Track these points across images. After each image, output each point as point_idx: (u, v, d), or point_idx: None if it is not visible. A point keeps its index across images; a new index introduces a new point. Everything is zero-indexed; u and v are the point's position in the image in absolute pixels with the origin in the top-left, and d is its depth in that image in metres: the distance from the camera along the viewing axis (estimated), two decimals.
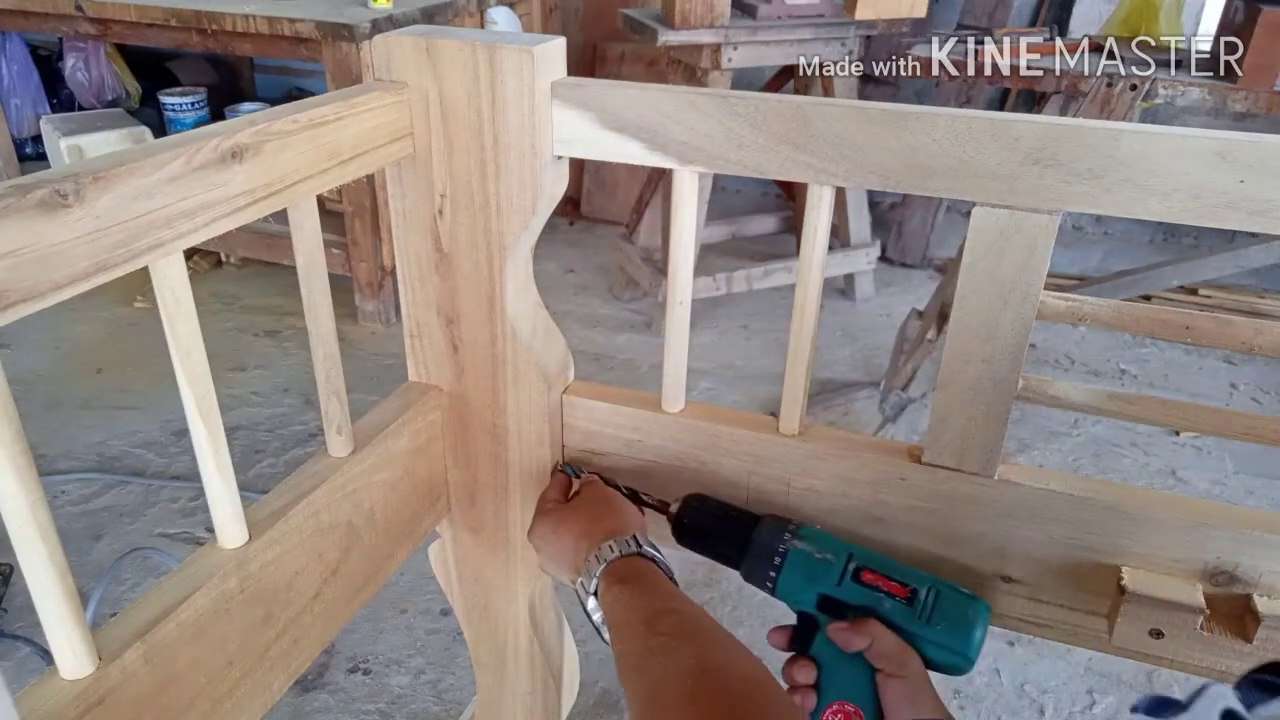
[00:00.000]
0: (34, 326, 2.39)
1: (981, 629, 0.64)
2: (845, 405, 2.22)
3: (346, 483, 0.70)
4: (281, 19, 2.08)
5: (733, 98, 0.63)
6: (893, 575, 0.66)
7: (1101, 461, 2.06)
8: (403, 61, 0.67)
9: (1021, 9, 2.93)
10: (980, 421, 0.67)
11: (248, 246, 2.49)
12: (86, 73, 2.94)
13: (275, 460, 1.97)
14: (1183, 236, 3.17)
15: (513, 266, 0.73)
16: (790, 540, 0.68)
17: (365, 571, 0.74)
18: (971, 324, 0.64)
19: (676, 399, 0.77)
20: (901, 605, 0.64)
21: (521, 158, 0.68)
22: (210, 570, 0.58)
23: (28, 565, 0.47)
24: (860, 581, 0.66)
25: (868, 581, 0.65)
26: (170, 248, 0.50)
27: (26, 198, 0.42)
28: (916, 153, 0.60)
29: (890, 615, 0.64)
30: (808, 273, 0.68)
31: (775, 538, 0.68)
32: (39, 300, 0.43)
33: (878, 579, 0.65)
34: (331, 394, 0.69)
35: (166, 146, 0.49)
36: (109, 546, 1.72)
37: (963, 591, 0.66)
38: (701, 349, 2.45)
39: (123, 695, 0.52)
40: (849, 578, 0.66)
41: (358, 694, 1.46)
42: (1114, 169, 0.57)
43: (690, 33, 2.12)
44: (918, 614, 0.64)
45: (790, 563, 0.67)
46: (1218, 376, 2.41)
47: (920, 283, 2.86)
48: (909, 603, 0.64)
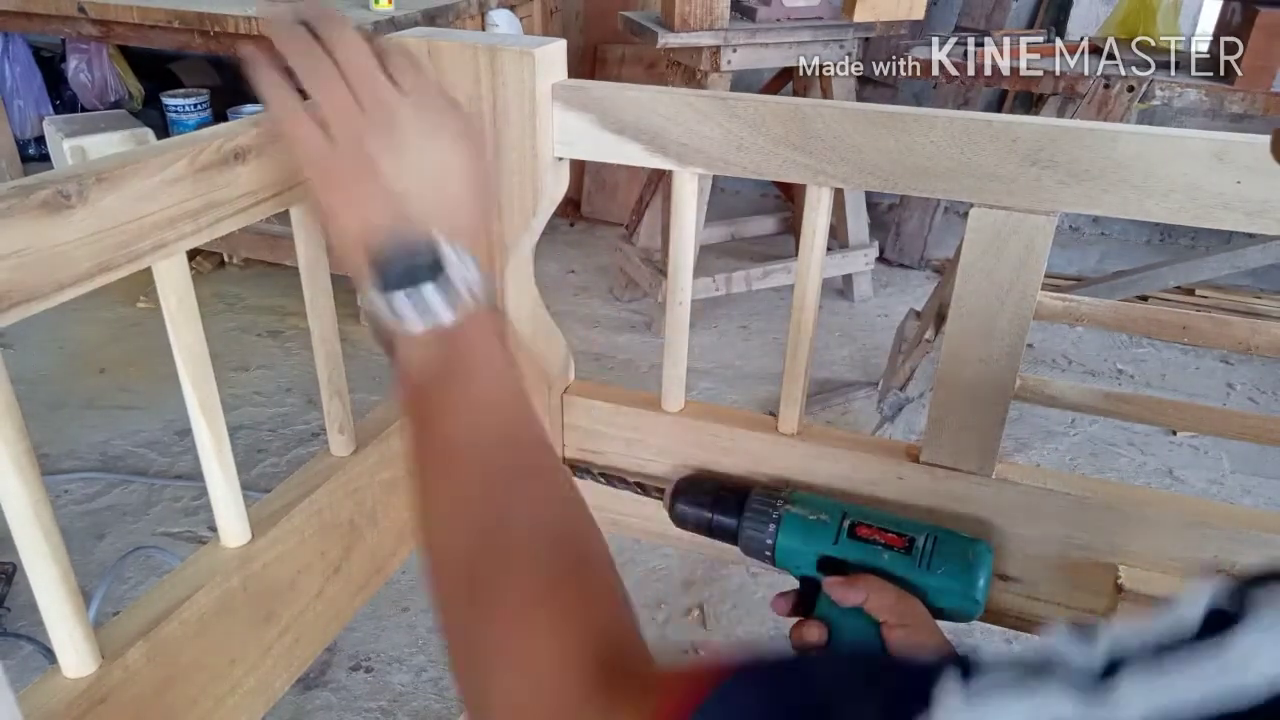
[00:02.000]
0: (37, 326, 2.39)
1: (984, 571, 0.64)
2: (844, 405, 2.22)
3: (349, 481, 0.70)
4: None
5: (732, 99, 0.63)
6: (888, 527, 0.66)
7: (1099, 461, 2.06)
8: None
9: (1019, 10, 2.93)
10: (978, 421, 0.67)
11: (250, 247, 2.49)
12: (89, 74, 2.95)
13: (278, 459, 1.98)
14: (1180, 237, 3.17)
15: (514, 267, 0.74)
16: (783, 505, 0.69)
17: (367, 570, 0.75)
18: (969, 324, 0.64)
19: (676, 399, 0.77)
20: (900, 555, 0.65)
21: (522, 159, 0.68)
22: (213, 569, 0.59)
23: (31, 564, 0.47)
24: (857, 537, 0.66)
25: (864, 536, 0.66)
26: (173, 248, 0.50)
27: (30, 198, 0.42)
28: (915, 154, 0.60)
29: (890, 567, 0.64)
30: (806, 273, 0.68)
31: (768, 504, 0.69)
32: (42, 301, 0.44)
33: (874, 532, 0.66)
34: (334, 393, 0.69)
35: (169, 147, 0.49)
36: (112, 545, 1.72)
37: (962, 536, 0.66)
38: (701, 349, 2.45)
39: (125, 694, 0.52)
40: (845, 535, 0.66)
41: (360, 692, 1.46)
42: (1111, 170, 0.57)
43: (690, 35, 2.13)
44: (917, 562, 0.64)
45: (786, 527, 0.68)
46: (1214, 376, 2.41)
47: (918, 283, 2.86)
48: (907, 551, 0.65)
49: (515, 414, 0.45)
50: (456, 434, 0.43)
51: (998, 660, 0.26)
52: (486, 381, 0.45)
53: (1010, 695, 0.25)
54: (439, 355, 0.44)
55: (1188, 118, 2.67)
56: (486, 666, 0.38)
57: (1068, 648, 0.25)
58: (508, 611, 0.38)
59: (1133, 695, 0.23)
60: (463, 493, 0.42)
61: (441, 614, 0.40)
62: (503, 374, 0.46)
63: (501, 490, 0.42)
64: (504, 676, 0.37)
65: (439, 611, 0.40)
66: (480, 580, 0.39)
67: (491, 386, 0.45)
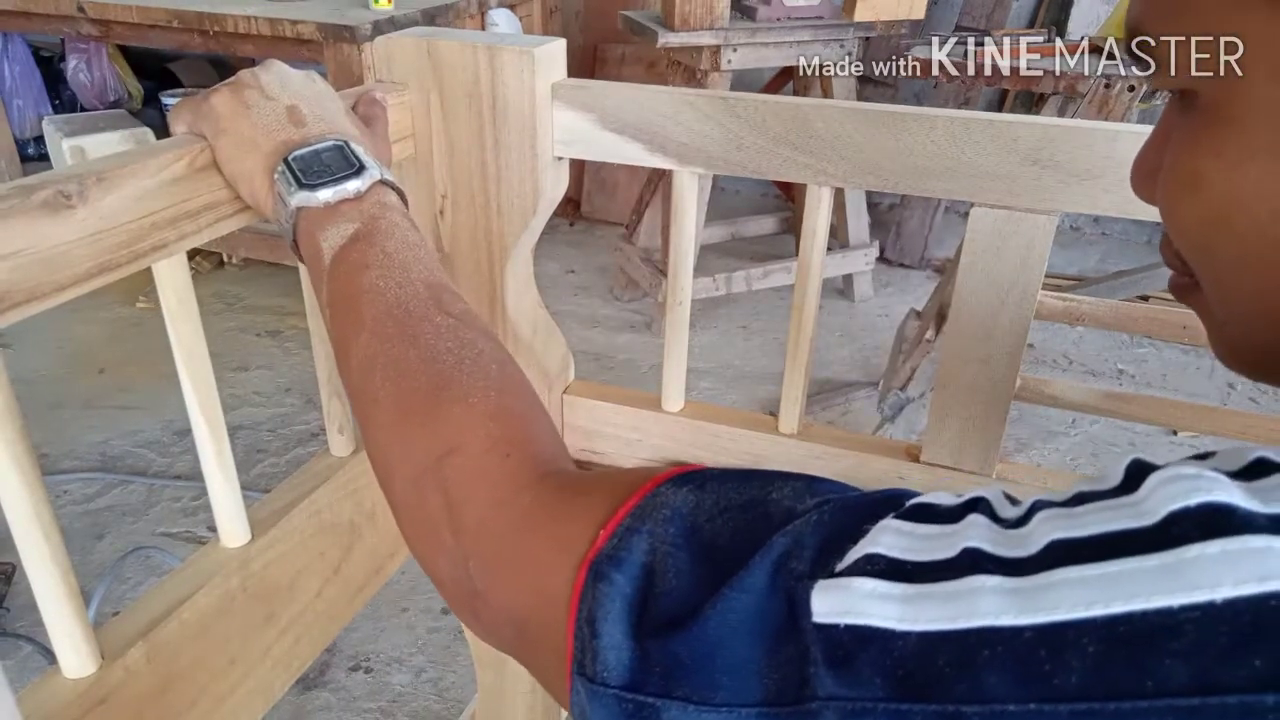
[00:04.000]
0: (37, 326, 2.39)
1: None
2: (844, 405, 2.22)
3: (348, 482, 0.70)
4: (283, 20, 2.08)
5: (732, 99, 0.63)
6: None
7: (1099, 461, 2.06)
8: (404, 63, 0.68)
9: (1019, 10, 2.93)
10: (978, 421, 0.67)
11: (250, 247, 2.49)
12: (89, 74, 2.94)
13: (277, 460, 1.98)
14: None
15: (513, 267, 0.74)
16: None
17: (367, 570, 0.75)
18: (969, 324, 0.64)
19: (676, 399, 0.77)
20: None
21: (522, 159, 0.68)
22: (212, 569, 0.59)
23: (30, 564, 0.47)
24: None
25: None
26: (173, 248, 0.50)
27: (30, 198, 0.42)
28: (915, 154, 0.60)
29: None
30: (806, 273, 0.68)
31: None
32: (42, 301, 0.44)
33: None
34: (333, 393, 0.69)
35: (169, 148, 0.49)
36: (111, 546, 1.72)
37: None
38: (701, 349, 2.45)
39: (125, 694, 0.52)
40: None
41: (359, 692, 1.46)
42: (1112, 169, 0.57)
43: (690, 34, 2.13)
44: None
45: None
46: (1214, 376, 2.41)
47: (918, 283, 2.86)
48: None
49: (432, 265, 0.48)
50: (381, 282, 0.45)
51: (936, 503, 0.29)
52: (405, 233, 0.48)
53: (936, 527, 0.28)
54: (354, 229, 0.47)
55: None
56: (436, 450, 0.40)
57: (999, 504, 0.29)
58: (462, 409, 0.41)
59: (1042, 529, 0.26)
60: (391, 330, 0.44)
61: (385, 428, 0.42)
62: (413, 233, 0.49)
63: (431, 315, 0.45)
64: (452, 459, 0.40)
65: (379, 430, 0.43)
66: (439, 386, 0.42)
67: (411, 239, 0.48)
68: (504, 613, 0.37)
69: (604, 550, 0.32)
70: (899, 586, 0.26)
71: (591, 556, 0.33)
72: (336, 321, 0.46)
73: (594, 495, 0.36)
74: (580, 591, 0.32)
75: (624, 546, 0.32)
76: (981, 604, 0.24)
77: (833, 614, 0.26)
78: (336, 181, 0.48)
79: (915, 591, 0.26)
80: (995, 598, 0.24)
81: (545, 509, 0.37)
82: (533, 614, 0.35)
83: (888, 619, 0.25)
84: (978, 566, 0.25)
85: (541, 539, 0.36)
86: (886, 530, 0.28)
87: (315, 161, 0.48)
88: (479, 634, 0.40)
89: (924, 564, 0.26)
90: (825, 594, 0.27)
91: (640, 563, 0.32)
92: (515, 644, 0.37)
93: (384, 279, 0.45)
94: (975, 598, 0.24)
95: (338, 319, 0.46)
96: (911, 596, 0.25)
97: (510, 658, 0.39)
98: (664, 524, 0.33)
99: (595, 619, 0.31)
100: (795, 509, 0.31)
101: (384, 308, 0.44)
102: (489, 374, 0.43)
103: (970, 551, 0.26)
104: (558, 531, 0.35)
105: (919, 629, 0.25)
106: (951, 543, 0.27)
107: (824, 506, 0.31)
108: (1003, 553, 0.25)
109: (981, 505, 0.28)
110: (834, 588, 0.27)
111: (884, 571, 0.26)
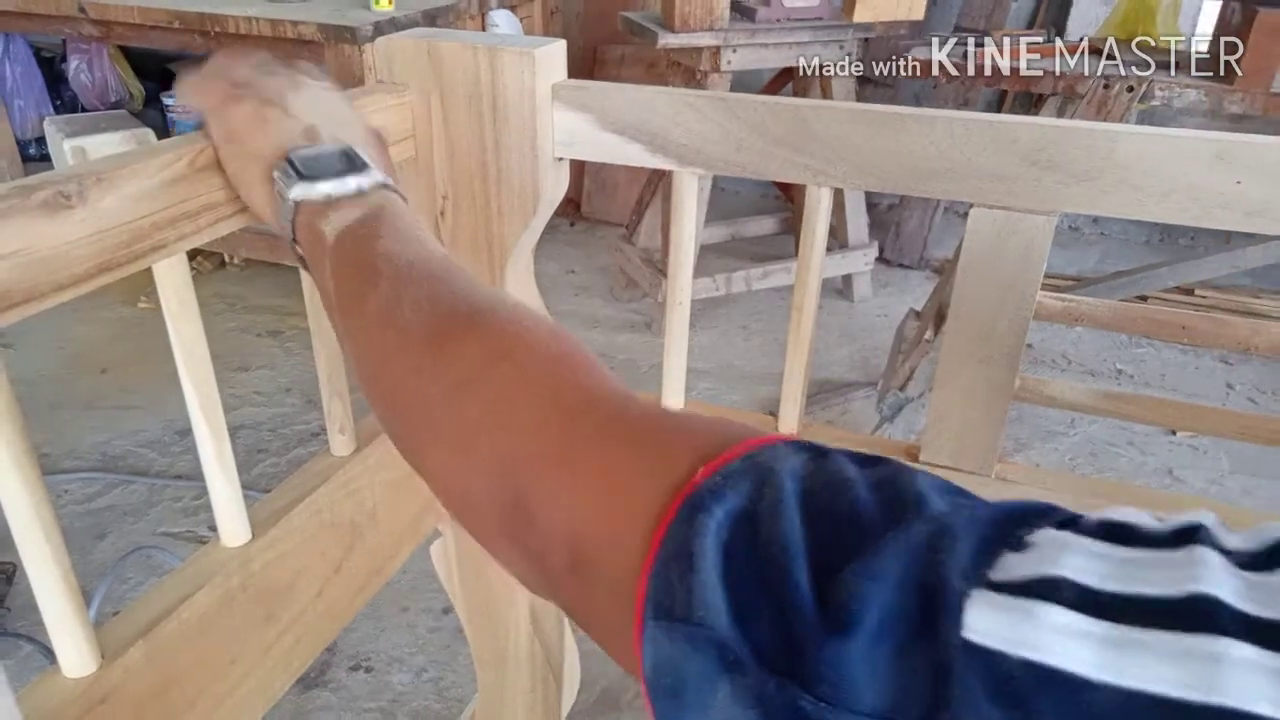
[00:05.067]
0: (38, 326, 2.39)
1: None
2: (843, 405, 2.22)
3: (349, 481, 0.70)
4: (284, 21, 2.08)
5: (732, 100, 0.63)
6: None
7: (1098, 461, 2.06)
8: (404, 64, 0.68)
9: (1019, 10, 2.93)
10: (977, 421, 0.67)
11: (251, 247, 2.49)
12: (90, 74, 2.94)
13: (278, 459, 1.98)
14: (1179, 237, 3.17)
15: (514, 267, 0.74)
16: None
17: (367, 570, 0.75)
18: (969, 324, 0.64)
19: (676, 399, 0.77)
20: None
21: (522, 159, 0.68)
22: (213, 569, 0.59)
23: (31, 564, 0.47)
24: None
25: None
26: (173, 249, 0.51)
27: (30, 198, 0.42)
28: (914, 154, 0.60)
29: None
30: (806, 273, 0.68)
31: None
32: (42, 301, 0.44)
33: None
34: (334, 394, 0.69)
35: (170, 148, 0.49)
36: (112, 545, 1.72)
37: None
38: (701, 349, 2.45)
39: (125, 694, 0.52)
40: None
41: (360, 692, 1.46)
42: (1111, 170, 0.57)
43: (689, 35, 2.13)
44: None
45: None
46: (1214, 376, 2.41)
47: (918, 283, 2.86)
48: None
49: (442, 255, 0.45)
50: (396, 247, 0.43)
51: (1135, 523, 0.25)
52: (413, 226, 0.46)
53: (1143, 552, 0.24)
54: (359, 215, 0.45)
55: (1187, 118, 2.67)
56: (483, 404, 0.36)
57: (1218, 530, 0.24)
58: (515, 327, 0.38)
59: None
60: (418, 272, 0.41)
61: (416, 351, 0.39)
62: (421, 228, 0.47)
63: (456, 271, 0.42)
64: (502, 365, 0.36)
65: (407, 355, 0.39)
66: (479, 310, 0.39)
67: (419, 233, 0.46)
68: (557, 532, 0.32)
69: (706, 484, 0.28)
70: (1099, 625, 0.22)
71: (690, 489, 0.28)
72: (344, 285, 0.43)
73: (694, 429, 0.32)
74: (669, 524, 0.28)
75: (732, 486, 0.28)
76: (1230, 680, 0.20)
77: (1001, 640, 0.22)
78: (338, 176, 0.46)
79: (1120, 635, 0.21)
80: (1251, 677, 0.20)
81: (628, 427, 0.33)
82: (597, 533, 0.31)
83: (1082, 664, 0.21)
84: (1217, 624, 0.21)
85: (624, 453, 0.32)
86: (1072, 549, 0.23)
87: (317, 159, 0.47)
88: (511, 564, 0.35)
89: (1131, 599, 0.22)
90: (989, 611, 0.23)
91: (745, 509, 0.27)
92: (562, 577, 0.32)
93: (398, 245, 0.43)
94: (1218, 669, 0.20)
95: (346, 282, 0.43)
96: (1116, 641, 0.21)
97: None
98: (778, 476, 0.28)
99: (694, 553, 0.27)
100: (931, 498, 0.28)
101: (403, 263, 0.41)
102: (536, 315, 0.40)
103: (1205, 600, 0.21)
104: (646, 452, 0.31)
105: (1125, 685, 0.20)
106: (1173, 578, 0.22)
107: (971, 500, 0.28)
108: (1255, 611, 0.21)
109: (1202, 534, 0.24)
110: (1005, 608, 0.23)
111: (1075, 603, 0.22)
